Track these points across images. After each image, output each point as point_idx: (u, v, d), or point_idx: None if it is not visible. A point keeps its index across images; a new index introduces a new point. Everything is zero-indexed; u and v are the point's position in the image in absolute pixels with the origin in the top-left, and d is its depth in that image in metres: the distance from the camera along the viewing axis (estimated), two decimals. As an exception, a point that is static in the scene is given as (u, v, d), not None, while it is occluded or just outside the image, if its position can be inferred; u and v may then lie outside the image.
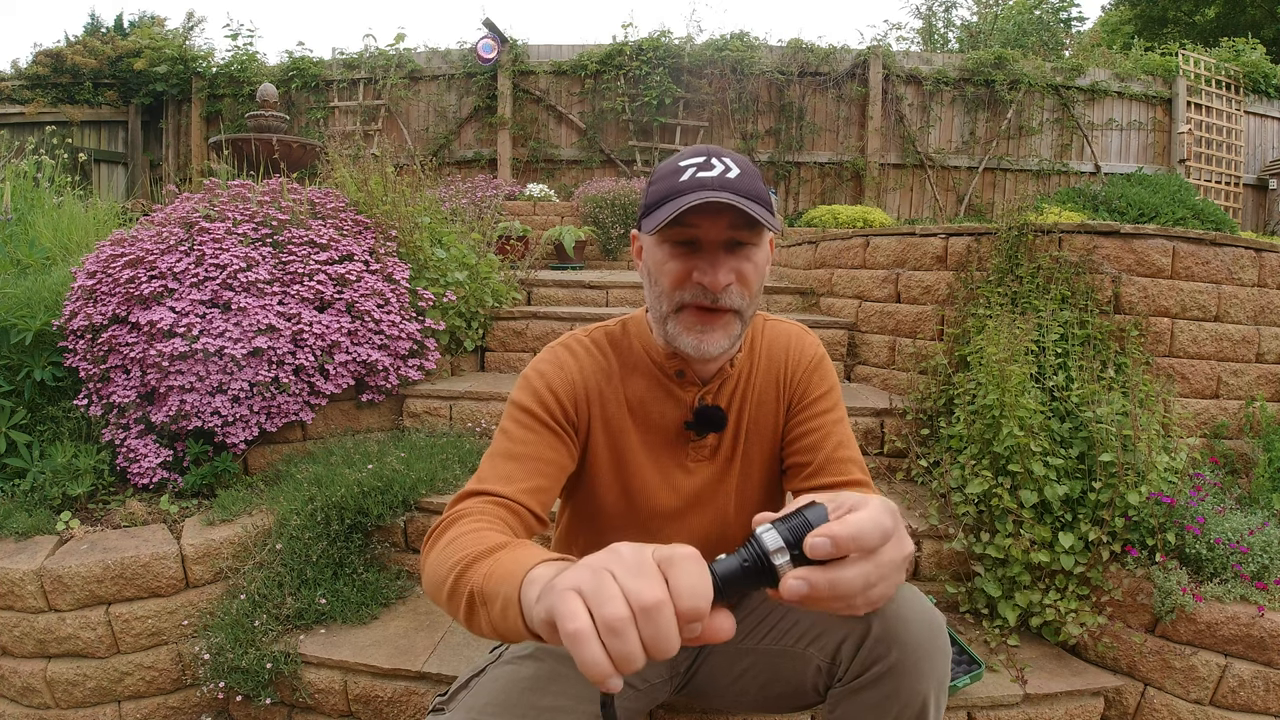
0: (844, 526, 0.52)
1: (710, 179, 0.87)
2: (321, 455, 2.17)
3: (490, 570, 0.70)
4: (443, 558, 0.78)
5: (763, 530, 0.54)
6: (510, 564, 0.68)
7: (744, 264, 0.92)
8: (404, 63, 7.26)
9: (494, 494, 0.91)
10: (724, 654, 1.13)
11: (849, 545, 0.52)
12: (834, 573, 0.52)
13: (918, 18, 12.80)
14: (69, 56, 7.53)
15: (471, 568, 0.73)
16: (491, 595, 0.67)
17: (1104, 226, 2.20)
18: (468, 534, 0.80)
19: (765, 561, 0.53)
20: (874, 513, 0.54)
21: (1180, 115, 7.06)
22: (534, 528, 0.94)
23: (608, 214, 5.44)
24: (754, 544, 0.54)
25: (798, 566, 0.53)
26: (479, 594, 0.69)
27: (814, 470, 1.01)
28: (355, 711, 1.65)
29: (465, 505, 0.89)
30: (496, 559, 0.71)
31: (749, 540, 0.55)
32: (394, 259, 2.57)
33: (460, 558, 0.75)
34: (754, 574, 0.53)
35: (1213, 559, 1.67)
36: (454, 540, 0.79)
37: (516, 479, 0.93)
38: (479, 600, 0.69)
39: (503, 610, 0.65)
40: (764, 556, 0.53)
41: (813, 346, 1.11)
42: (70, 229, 2.95)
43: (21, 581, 1.65)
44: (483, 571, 0.71)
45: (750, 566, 0.53)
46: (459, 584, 0.73)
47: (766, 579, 0.54)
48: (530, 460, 0.96)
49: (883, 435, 2.33)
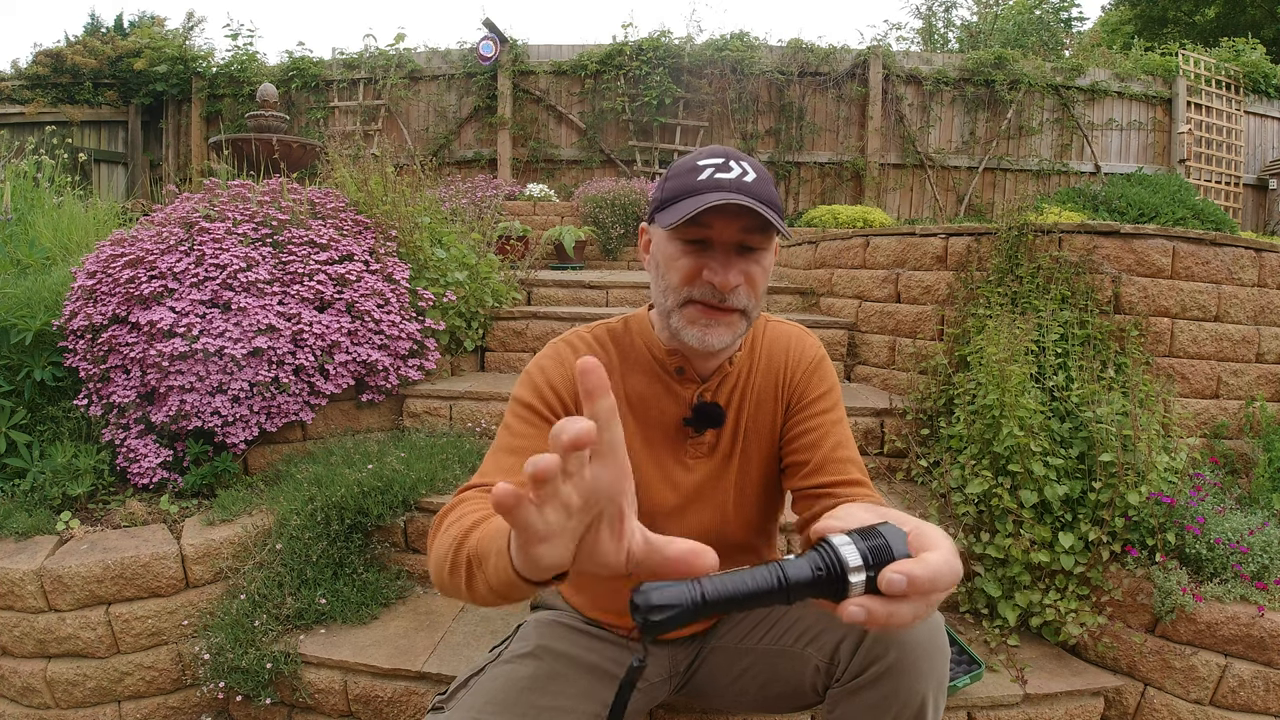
0: (924, 569, 0.50)
1: (728, 180, 0.88)
2: (321, 455, 2.17)
3: (482, 533, 0.70)
4: (443, 540, 0.79)
5: (841, 543, 0.51)
6: (499, 522, 0.68)
7: (753, 267, 0.93)
8: (404, 63, 7.26)
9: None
10: (723, 653, 1.13)
11: (923, 589, 0.50)
12: (893, 606, 0.51)
13: (918, 18, 12.80)
14: (69, 56, 7.53)
15: (468, 536, 0.73)
16: (484, 553, 0.67)
17: (1104, 226, 2.20)
18: (467, 514, 0.81)
19: (840, 575, 0.50)
20: (949, 555, 0.52)
21: (1180, 115, 7.06)
22: None
23: (608, 214, 5.44)
24: (829, 554, 0.51)
25: (867, 592, 0.50)
26: (474, 557, 0.70)
27: (812, 469, 1.01)
28: (355, 711, 1.65)
29: (465, 496, 0.90)
30: (489, 523, 0.72)
31: (822, 548, 0.51)
32: (394, 259, 2.57)
33: (457, 532, 0.76)
34: (823, 584, 0.50)
35: (1213, 559, 1.67)
36: (454, 523, 0.80)
37: (517, 472, 0.93)
38: (475, 564, 0.69)
39: (495, 564, 0.64)
40: (841, 570, 0.50)
41: (813, 348, 1.11)
42: (70, 229, 2.95)
43: (21, 581, 1.65)
44: (475, 536, 0.71)
45: (823, 576, 0.50)
46: (458, 555, 0.73)
47: (832, 592, 0.51)
48: (531, 454, 0.95)
49: (883, 435, 2.33)
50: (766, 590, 0.49)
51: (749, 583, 0.49)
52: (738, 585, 0.48)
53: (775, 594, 0.49)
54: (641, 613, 0.46)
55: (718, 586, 0.48)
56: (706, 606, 0.47)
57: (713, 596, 0.48)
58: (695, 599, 0.47)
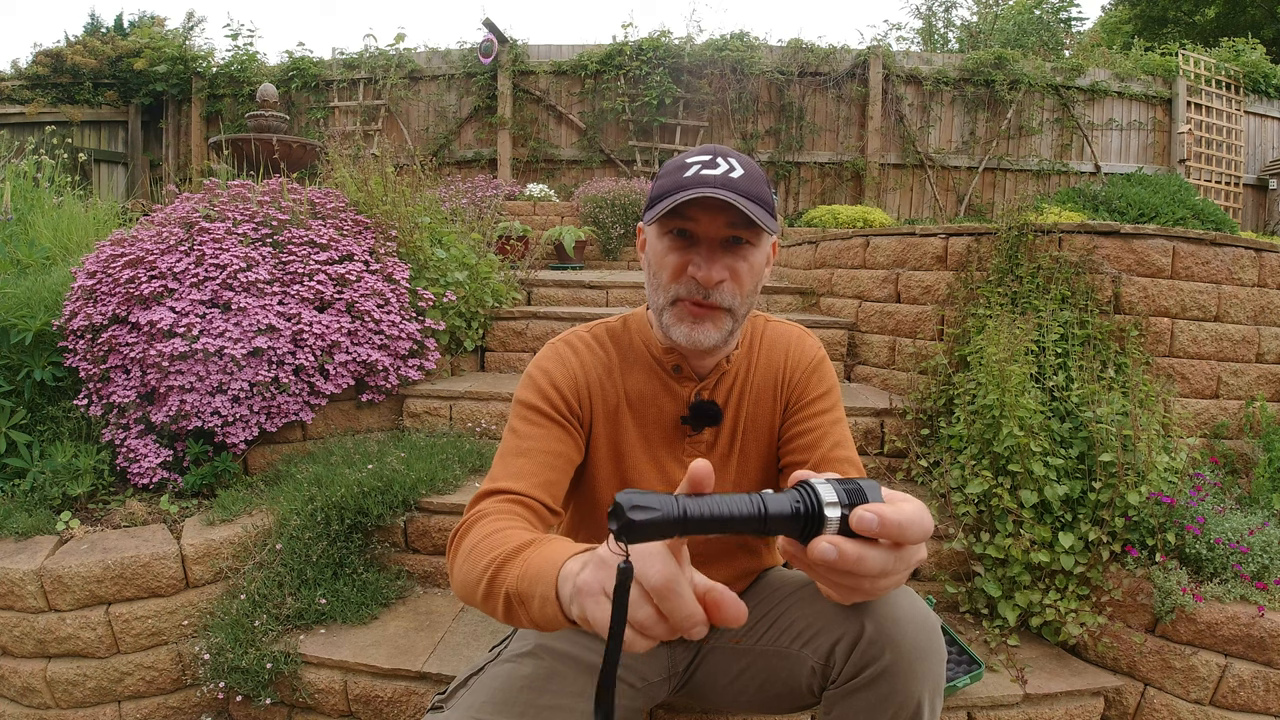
0: (896, 512, 0.52)
1: (713, 176, 0.88)
2: (321, 455, 2.17)
3: (523, 572, 0.73)
4: (471, 562, 0.82)
5: (820, 483, 0.53)
6: (540, 562, 0.71)
7: (739, 263, 0.93)
8: (404, 63, 7.26)
9: (508, 491, 0.94)
10: (722, 653, 1.13)
11: (893, 532, 0.51)
12: (863, 549, 0.52)
13: (918, 18, 12.79)
14: (69, 56, 7.53)
15: (503, 569, 0.77)
16: (528, 595, 0.71)
17: (1104, 226, 2.20)
18: (492, 534, 0.83)
19: (816, 510, 0.52)
20: (920, 509, 0.54)
21: (1180, 115, 7.06)
22: (549, 520, 0.96)
23: (608, 214, 5.44)
24: (808, 491, 0.53)
25: (840, 532, 0.52)
26: (515, 595, 0.73)
27: (809, 469, 1.00)
28: (355, 711, 1.65)
29: (483, 506, 0.92)
30: (525, 559, 0.75)
31: (801, 487, 0.53)
32: (394, 259, 2.57)
33: (490, 560, 0.79)
34: (801, 519, 0.52)
35: (1213, 559, 1.67)
36: (479, 543, 0.83)
37: (527, 474, 0.96)
38: (516, 601, 0.73)
39: (541, 607, 0.68)
40: (818, 505, 0.52)
41: (813, 348, 1.11)
42: (70, 229, 2.95)
43: (21, 581, 1.65)
44: (515, 573, 0.74)
45: (801, 510, 0.52)
46: (493, 586, 0.77)
47: (808, 528, 0.52)
48: (539, 454, 0.98)
49: (883, 435, 2.33)
50: (745, 517, 0.50)
51: (729, 507, 0.50)
52: (717, 507, 0.50)
53: (752, 521, 0.51)
54: (624, 512, 0.47)
55: (699, 504, 0.50)
56: (686, 520, 0.49)
57: (693, 512, 0.49)
58: (676, 510, 0.49)
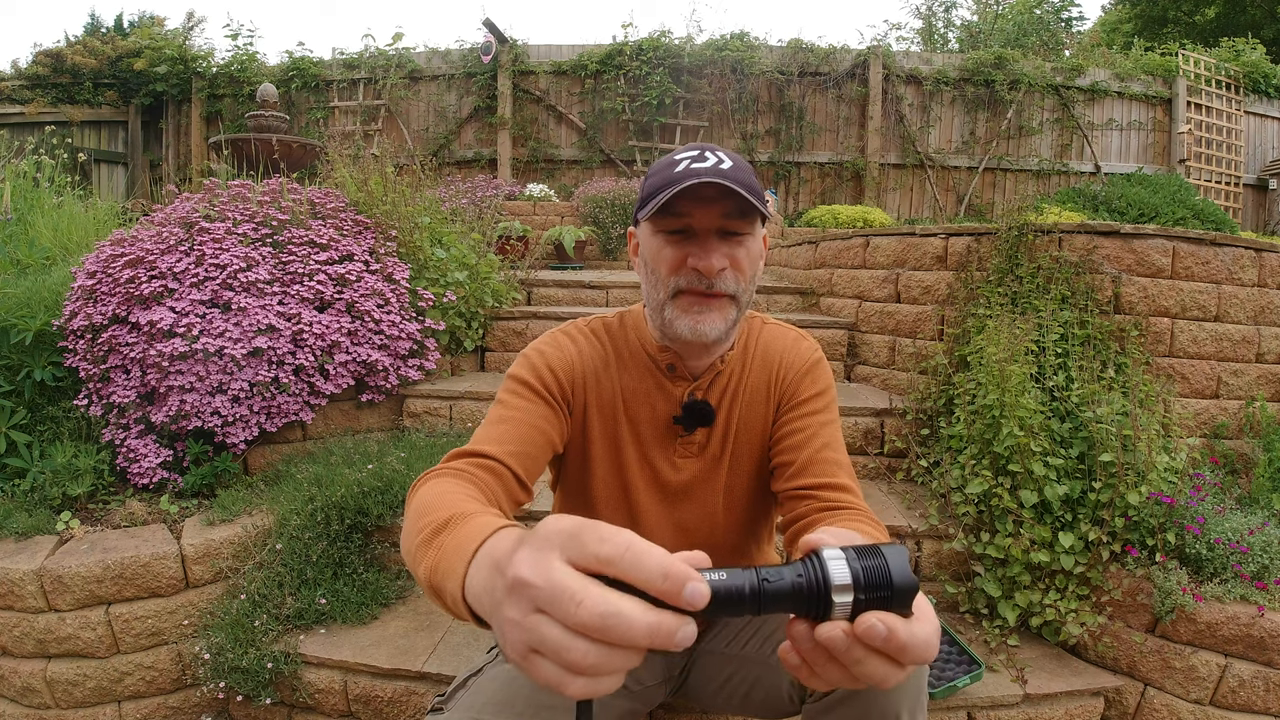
0: (910, 636, 0.45)
1: (703, 169, 0.88)
2: (321, 455, 2.17)
3: (436, 563, 0.64)
4: (409, 528, 0.74)
5: (831, 555, 0.45)
6: (462, 537, 0.62)
7: (737, 250, 0.93)
8: (404, 63, 7.26)
9: (480, 454, 0.91)
10: (712, 658, 1.14)
11: (898, 653, 0.45)
12: (865, 654, 0.46)
13: (918, 18, 12.78)
14: (69, 57, 7.54)
15: (428, 545, 0.67)
16: (440, 588, 0.63)
17: (1104, 226, 2.20)
18: (442, 495, 0.76)
19: (822, 592, 0.44)
20: (933, 634, 0.48)
21: (1180, 115, 7.06)
22: (516, 494, 0.92)
23: (608, 214, 5.44)
24: (815, 566, 0.45)
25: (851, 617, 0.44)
26: (431, 588, 0.65)
27: (797, 470, 0.99)
28: (355, 711, 1.65)
29: (447, 465, 0.88)
30: (454, 534, 0.65)
31: (810, 559, 0.46)
32: (394, 259, 2.57)
33: (427, 523, 0.70)
34: (802, 598, 0.44)
35: (1213, 559, 1.67)
36: (428, 504, 0.74)
37: (504, 441, 0.93)
38: (433, 594, 0.65)
39: (454, 607, 0.60)
40: (824, 587, 0.44)
41: (809, 350, 1.10)
42: (70, 229, 2.95)
43: (21, 581, 1.65)
44: (430, 563, 0.65)
45: (803, 588, 0.44)
46: (416, 567, 0.68)
47: (812, 609, 0.45)
48: (521, 425, 0.96)
49: (883, 435, 2.33)
50: (733, 591, 0.43)
51: (720, 581, 0.43)
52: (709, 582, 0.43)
53: (745, 599, 0.43)
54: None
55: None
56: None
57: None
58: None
